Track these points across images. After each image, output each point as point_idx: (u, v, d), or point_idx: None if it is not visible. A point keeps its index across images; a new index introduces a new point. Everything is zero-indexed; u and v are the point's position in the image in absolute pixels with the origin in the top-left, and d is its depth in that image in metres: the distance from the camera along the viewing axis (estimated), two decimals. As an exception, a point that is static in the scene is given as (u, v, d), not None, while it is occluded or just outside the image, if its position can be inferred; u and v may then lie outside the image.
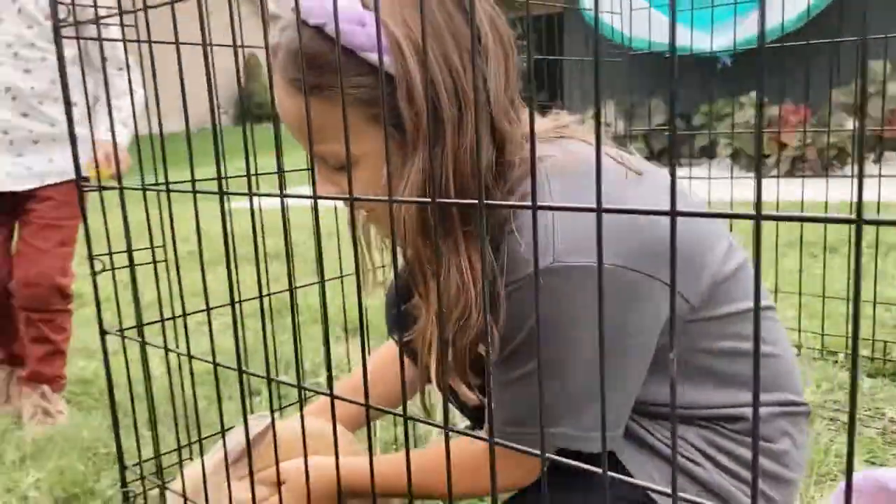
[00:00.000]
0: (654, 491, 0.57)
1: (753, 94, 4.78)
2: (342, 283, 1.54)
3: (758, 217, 0.49)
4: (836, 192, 2.33)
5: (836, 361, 2.00)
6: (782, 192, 2.06)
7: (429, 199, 0.69)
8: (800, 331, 2.10)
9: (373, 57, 0.82)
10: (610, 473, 0.58)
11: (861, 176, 0.46)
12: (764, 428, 0.99)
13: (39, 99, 1.81)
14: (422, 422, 0.77)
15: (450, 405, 1.29)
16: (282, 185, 0.78)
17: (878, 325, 1.96)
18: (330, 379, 0.82)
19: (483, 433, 1.01)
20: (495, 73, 0.87)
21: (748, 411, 0.98)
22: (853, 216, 0.47)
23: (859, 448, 1.58)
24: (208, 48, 0.78)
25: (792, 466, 1.01)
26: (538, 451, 0.60)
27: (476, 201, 0.62)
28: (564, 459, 0.64)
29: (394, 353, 1.36)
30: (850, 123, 4.78)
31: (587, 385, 0.88)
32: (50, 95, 1.82)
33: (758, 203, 0.50)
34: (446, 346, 0.89)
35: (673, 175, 0.51)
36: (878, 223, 0.48)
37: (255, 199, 0.88)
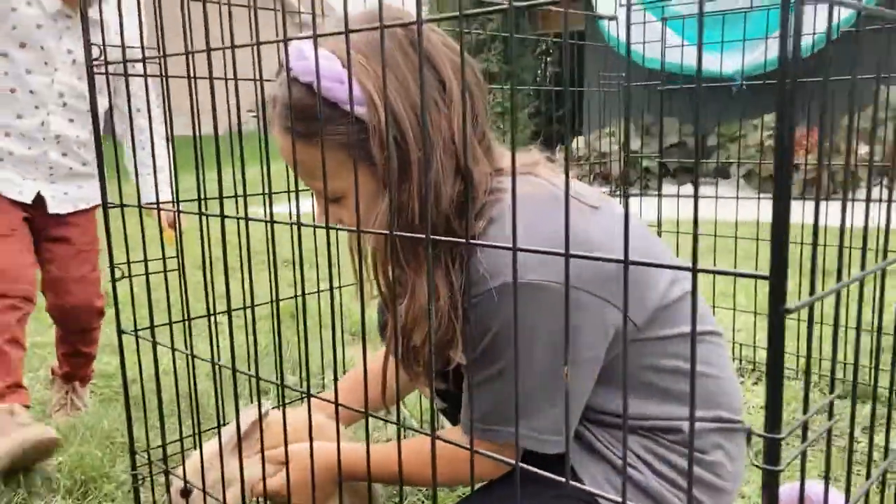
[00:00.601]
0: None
1: (765, 116, 4.80)
2: (338, 292, 1.67)
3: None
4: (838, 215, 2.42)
5: (815, 383, 2.09)
6: (795, 214, 2.16)
7: (387, 231, 0.84)
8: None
9: (348, 107, 0.95)
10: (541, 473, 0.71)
11: (696, 224, 0.59)
12: (698, 441, 1.10)
13: (79, 145, 1.97)
14: (380, 419, 0.91)
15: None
16: (268, 206, 0.92)
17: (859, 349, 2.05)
18: (308, 380, 0.96)
19: (452, 430, 1.14)
20: (459, 115, 0.99)
21: (684, 424, 1.09)
22: (690, 266, 0.59)
23: (819, 465, 1.69)
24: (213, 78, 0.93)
25: (725, 476, 1.12)
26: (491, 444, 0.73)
27: (423, 236, 0.76)
28: (488, 453, 0.77)
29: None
30: (861, 148, 4.83)
31: (540, 390, 1.00)
32: (90, 144, 1.99)
33: (622, 229, 0.63)
34: (400, 350, 1.02)
35: (567, 216, 0.64)
36: (712, 272, 0.60)
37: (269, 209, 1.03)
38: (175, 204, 1.09)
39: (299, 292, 1.04)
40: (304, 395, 1.00)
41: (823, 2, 0.52)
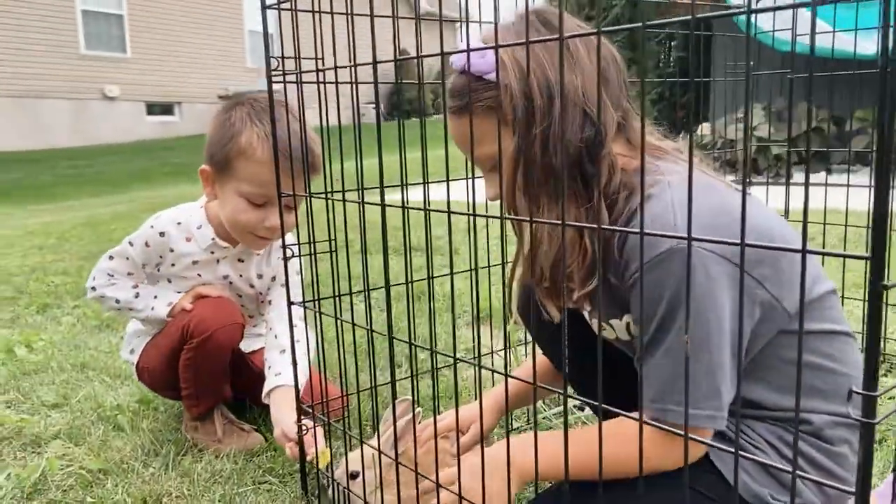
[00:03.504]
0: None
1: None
2: (472, 275, 1.83)
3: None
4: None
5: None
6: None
7: (594, 225, 0.92)
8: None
9: (492, 76, 1.11)
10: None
11: (805, 210, 0.68)
12: (827, 432, 1.16)
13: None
14: (548, 388, 1.01)
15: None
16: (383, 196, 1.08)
17: None
18: (455, 348, 1.12)
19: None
20: (584, 73, 1.10)
21: (813, 417, 1.15)
22: (799, 247, 0.69)
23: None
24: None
25: (846, 467, 1.17)
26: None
27: (595, 225, 0.88)
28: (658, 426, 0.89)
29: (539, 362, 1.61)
30: None
31: (702, 364, 1.02)
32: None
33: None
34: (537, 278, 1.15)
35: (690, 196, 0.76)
36: (818, 253, 0.70)
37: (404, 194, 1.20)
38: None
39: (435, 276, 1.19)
40: (453, 360, 1.16)
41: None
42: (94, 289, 1.87)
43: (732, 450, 0.76)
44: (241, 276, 1.95)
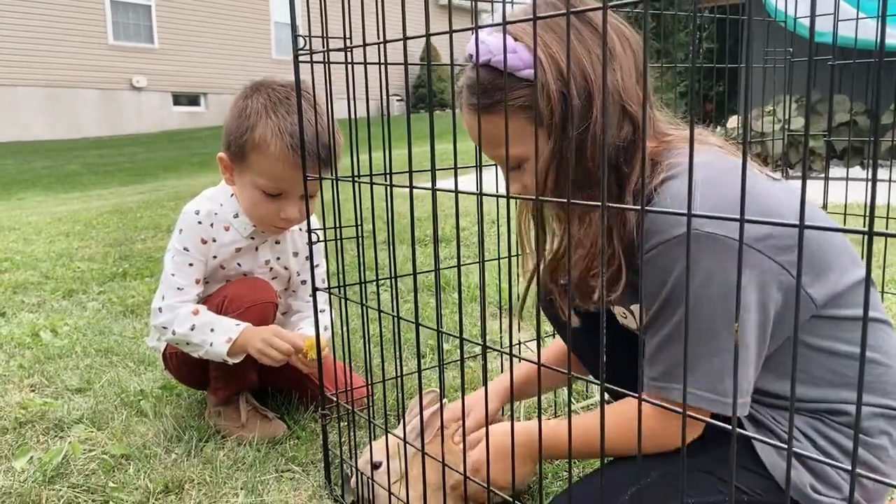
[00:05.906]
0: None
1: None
2: (499, 264, 1.79)
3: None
4: None
5: None
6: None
7: (564, 199, 0.91)
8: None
9: (525, 73, 1.06)
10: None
11: (877, 189, 0.64)
12: (864, 423, 1.12)
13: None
14: (583, 379, 0.98)
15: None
16: (434, 179, 1.04)
17: None
18: (484, 335, 1.08)
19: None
20: (622, 69, 1.07)
21: (851, 408, 1.11)
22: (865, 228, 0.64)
23: None
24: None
25: (885, 460, 1.13)
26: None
27: (599, 203, 0.84)
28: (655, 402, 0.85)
29: (559, 349, 1.60)
30: None
31: (711, 347, 1.01)
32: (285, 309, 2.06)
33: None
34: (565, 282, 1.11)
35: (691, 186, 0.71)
36: (887, 235, 0.65)
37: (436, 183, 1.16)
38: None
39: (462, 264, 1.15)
40: (482, 348, 1.12)
41: None
42: (160, 310, 1.76)
43: (775, 442, 0.71)
44: (278, 258, 1.96)
